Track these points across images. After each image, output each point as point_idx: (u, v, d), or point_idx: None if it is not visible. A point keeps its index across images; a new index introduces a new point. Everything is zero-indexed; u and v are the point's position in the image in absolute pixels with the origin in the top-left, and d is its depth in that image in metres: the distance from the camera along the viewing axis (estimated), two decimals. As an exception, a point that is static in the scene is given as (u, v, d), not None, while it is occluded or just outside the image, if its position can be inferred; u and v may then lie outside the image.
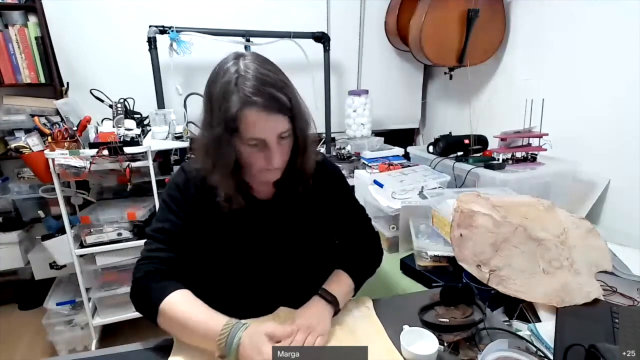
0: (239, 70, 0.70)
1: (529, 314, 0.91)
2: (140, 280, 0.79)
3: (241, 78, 0.69)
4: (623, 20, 1.39)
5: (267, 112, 0.69)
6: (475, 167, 1.47)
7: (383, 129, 2.59)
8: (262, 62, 0.73)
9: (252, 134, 0.71)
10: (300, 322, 0.76)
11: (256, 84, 0.69)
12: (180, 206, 0.83)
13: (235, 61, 0.72)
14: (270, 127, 0.71)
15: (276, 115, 0.70)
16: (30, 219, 2.00)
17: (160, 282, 0.78)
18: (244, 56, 0.74)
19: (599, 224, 1.49)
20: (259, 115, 0.69)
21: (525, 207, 1.06)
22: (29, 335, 1.95)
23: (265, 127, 0.71)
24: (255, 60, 0.73)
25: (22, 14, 1.80)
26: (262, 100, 0.68)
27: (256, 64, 0.72)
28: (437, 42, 1.91)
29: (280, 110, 0.70)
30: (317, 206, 0.91)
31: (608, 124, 1.47)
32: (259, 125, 0.70)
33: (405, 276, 1.25)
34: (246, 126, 0.70)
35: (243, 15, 2.09)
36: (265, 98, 0.68)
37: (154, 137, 1.71)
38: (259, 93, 0.68)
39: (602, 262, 0.99)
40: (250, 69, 0.70)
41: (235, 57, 0.73)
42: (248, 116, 0.69)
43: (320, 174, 0.90)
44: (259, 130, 0.71)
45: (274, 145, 0.73)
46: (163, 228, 0.82)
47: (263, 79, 0.70)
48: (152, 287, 0.77)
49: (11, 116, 1.84)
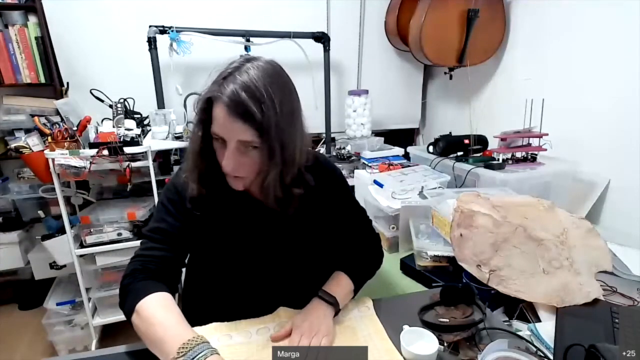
0: (238, 69, 0.71)
1: (529, 314, 0.91)
2: (125, 278, 0.78)
3: (231, 76, 0.70)
4: (623, 20, 1.39)
5: (230, 115, 0.68)
6: (475, 167, 1.47)
7: (383, 129, 2.59)
8: (265, 73, 0.71)
9: (215, 129, 0.72)
10: (303, 325, 0.76)
11: (237, 87, 0.68)
12: (177, 208, 0.83)
13: (244, 60, 0.72)
14: (229, 130, 0.70)
15: (238, 122, 0.68)
16: (30, 219, 2.00)
17: (143, 282, 0.76)
18: (256, 60, 0.73)
19: (599, 224, 1.49)
20: (222, 114, 0.69)
21: (525, 207, 1.06)
22: (29, 335, 1.95)
23: (225, 128, 0.70)
24: (261, 69, 0.71)
25: (22, 14, 1.80)
26: (229, 101, 0.68)
27: (258, 71, 0.70)
28: (437, 42, 1.91)
29: (244, 118, 0.68)
30: (317, 207, 0.91)
31: (608, 124, 1.47)
32: (220, 122, 0.70)
33: (405, 276, 1.25)
34: (213, 119, 0.71)
35: (243, 15, 2.09)
36: (234, 100, 0.68)
37: (154, 137, 1.71)
38: (233, 94, 0.68)
39: (602, 262, 0.99)
40: (248, 73, 0.70)
41: (247, 59, 0.73)
42: (216, 110, 0.70)
43: (320, 175, 0.90)
44: (220, 128, 0.71)
45: (230, 148, 0.71)
46: (159, 228, 0.82)
47: (248, 85, 0.68)
48: (133, 286, 0.75)
49: (11, 116, 1.84)
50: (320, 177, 0.90)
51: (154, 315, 0.69)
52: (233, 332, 0.79)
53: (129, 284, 0.76)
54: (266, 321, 0.82)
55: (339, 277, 0.89)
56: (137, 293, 0.73)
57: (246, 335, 0.78)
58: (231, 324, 0.81)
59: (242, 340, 0.77)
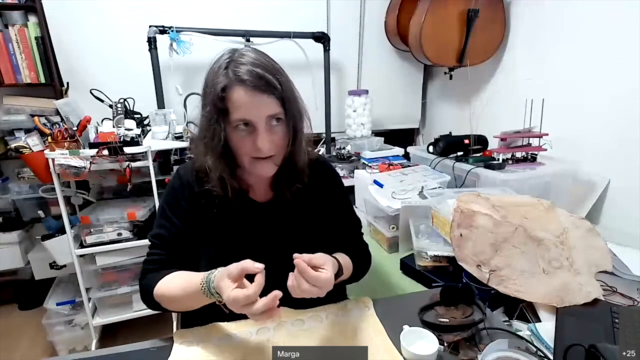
0: (233, 57, 0.72)
1: (529, 314, 0.91)
2: (141, 282, 0.85)
3: (233, 62, 0.71)
4: (623, 20, 1.39)
5: (254, 92, 0.68)
6: (475, 167, 1.47)
7: (383, 129, 2.59)
8: (257, 52, 0.74)
9: (239, 115, 0.70)
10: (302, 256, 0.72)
11: (247, 65, 0.69)
12: (174, 212, 0.84)
13: (232, 50, 0.74)
14: (257, 108, 0.70)
15: (263, 95, 0.69)
16: (30, 219, 2.00)
17: (154, 274, 0.83)
18: (242, 48, 0.76)
19: (599, 224, 1.49)
20: (245, 95, 0.68)
21: (525, 207, 1.06)
22: (29, 335, 1.95)
23: (252, 107, 0.69)
24: (251, 50, 0.75)
25: (22, 14, 1.80)
26: (249, 79, 0.68)
27: (251, 52, 0.73)
28: (437, 42, 1.91)
29: (268, 91, 0.69)
30: (314, 208, 0.91)
31: (608, 124, 1.47)
32: (245, 105, 0.69)
33: (405, 276, 1.25)
34: (233, 106, 0.70)
35: (243, 15, 2.09)
36: (254, 77, 0.68)
37: (154, 137, 1.71)
38: (248, 73, 0.68)
39: (602, 262, 0.99)
40: (245, 56, 0.72)
41: (233, 49, 0.75)
42: (235, 95, 0.69)
43: (320, 174, 0.90)
44: (245, 110, 0.70)
45: (262, 128, 0.71)
46: (159, 234, 0.85)
47: (255, 62, 0.70)
48: (148, 282, 0.82)
49: (11, 116, 1.85)
50: (321, 176, 0.90)
51: (171, 284, 0.78)
52: (233, 332, 0.79)
53: (146, 284, 0.83)
54: (266, 321, 0.82)
55: (341, 253, 0.89)
56: (153, 281, 0.80)
57: (246, 335, 0.78)
58: (231, 324, 0.81)
59: (242, 340, 0.77)
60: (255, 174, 0.81)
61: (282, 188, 0.86)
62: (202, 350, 0.74)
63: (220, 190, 0.80)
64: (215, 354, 0.73)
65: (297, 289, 0.68)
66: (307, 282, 0.67)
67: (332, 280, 0.70)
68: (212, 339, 0.77)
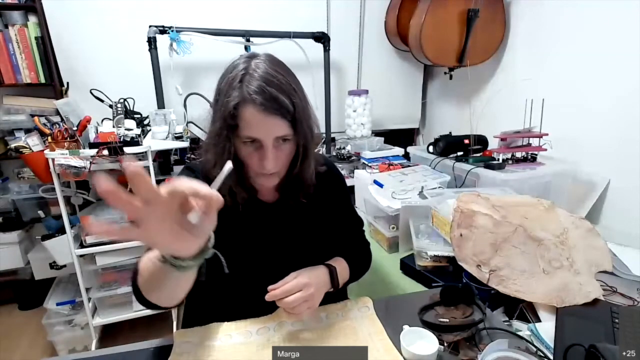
0: (248, 68, 0.70)
1: (529, 314, 0.91)
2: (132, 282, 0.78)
3: (248, 76, 0.69)
4: (623, 20, 1.39)
5: (265, 113, 0.68)
6: (475, 167, 1.47)
7: (383, 129, 2.59)
8: (273, 64, 0.72)
9: (248, 133, 0.70)
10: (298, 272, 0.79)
11: (261, 82, 0.68)
12: None
13: (247, 59, 0.72)
14: (266, 129, 0.70)
15: (274, 118, 0.68)
16: (30, 219, 2.00)
17: None
18: (257, 56, 0.73)
19: (599, 224, 1.49)
20: (256, 114, 0.68)
21: (525, 207, 1.06)
22: (29, 335, 1.95)
23: (261, 127, 0.69)
24: (267, 61, 0.72)
25: (22, 14, 1.80)
26: (261, 100, 0.67)
27: (267, 64, 0.71)
28: (437, 42, 1.91)
29: (279, 113, 0.68)
30: (320, 210, 0.91)
31: (608, 124, 1.47)
32: (255, 125, 0.69)
33: (405, 276, 1.25)
34: (243, 124, 0.69)
35: (243, 15, 2.09)
36: (266, 98, 0.67)
37: (154, 137, 1.71)
38: (261, 92, 0.67)
39: (602, 262, 0.99)
40: (260, 68, 0.70)
41: (249, 57, 0.73)
42: (245, 113, 0.68)
43: (327, 179, 0.91)
44: (254, 129, 0.69)
45: (269, 148, 0.71)
46: None
47: (269, 79, 0.69)
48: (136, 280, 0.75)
49: (11, 116, 1.84)
50: (327, 179, 0.90)
51: (143, 272, 0.67)
52: (233, 332, 0.79)
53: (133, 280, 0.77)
54: (266, 321, 0.82)
55: (337, 258, 0.92)
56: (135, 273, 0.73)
57: (246, 335, 0.78)
58: (231, 324, 0.81)
59: (242, 340, 0.77)
60: (259, 183, 0.82)
61: (288, 195, 0.87)
62: (202, 350, 0.74)
63: (230, 198, 0.80)
64: (215, 354, 0.73)
65: (288, 308, 0.75)
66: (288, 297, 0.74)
67: (305, 280, 0.76)
68: (212, 339, 0.77)
